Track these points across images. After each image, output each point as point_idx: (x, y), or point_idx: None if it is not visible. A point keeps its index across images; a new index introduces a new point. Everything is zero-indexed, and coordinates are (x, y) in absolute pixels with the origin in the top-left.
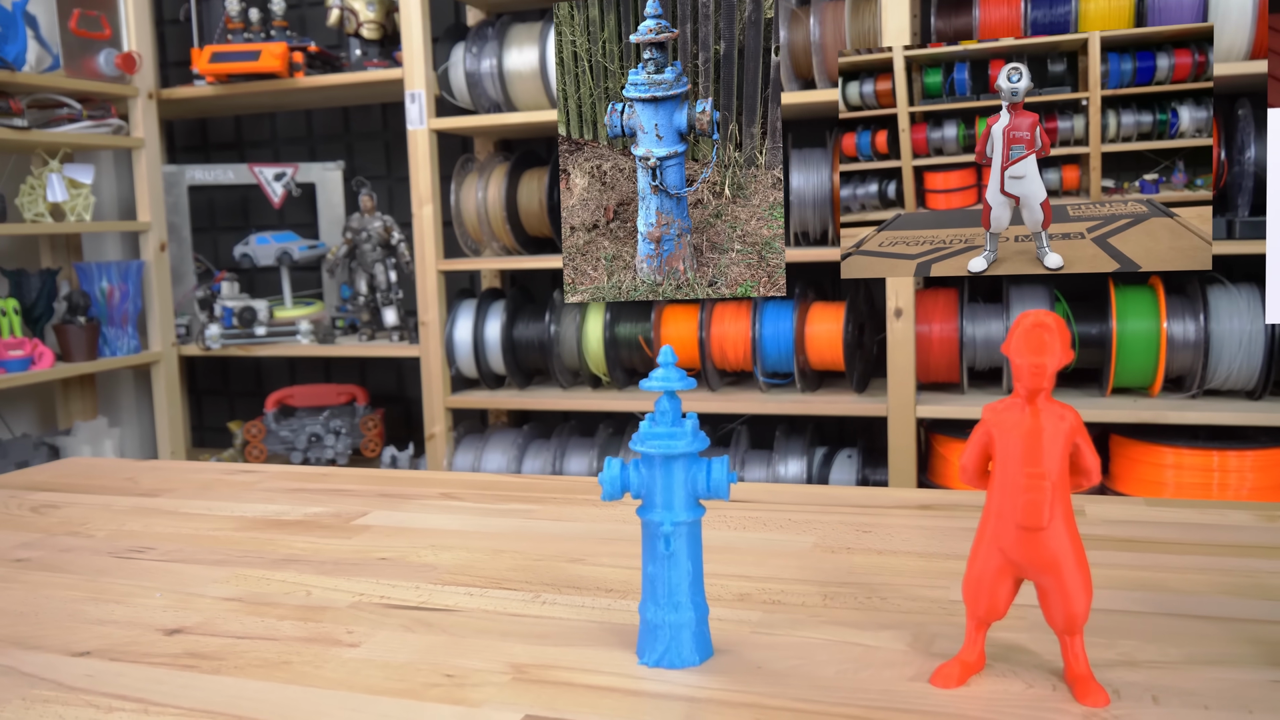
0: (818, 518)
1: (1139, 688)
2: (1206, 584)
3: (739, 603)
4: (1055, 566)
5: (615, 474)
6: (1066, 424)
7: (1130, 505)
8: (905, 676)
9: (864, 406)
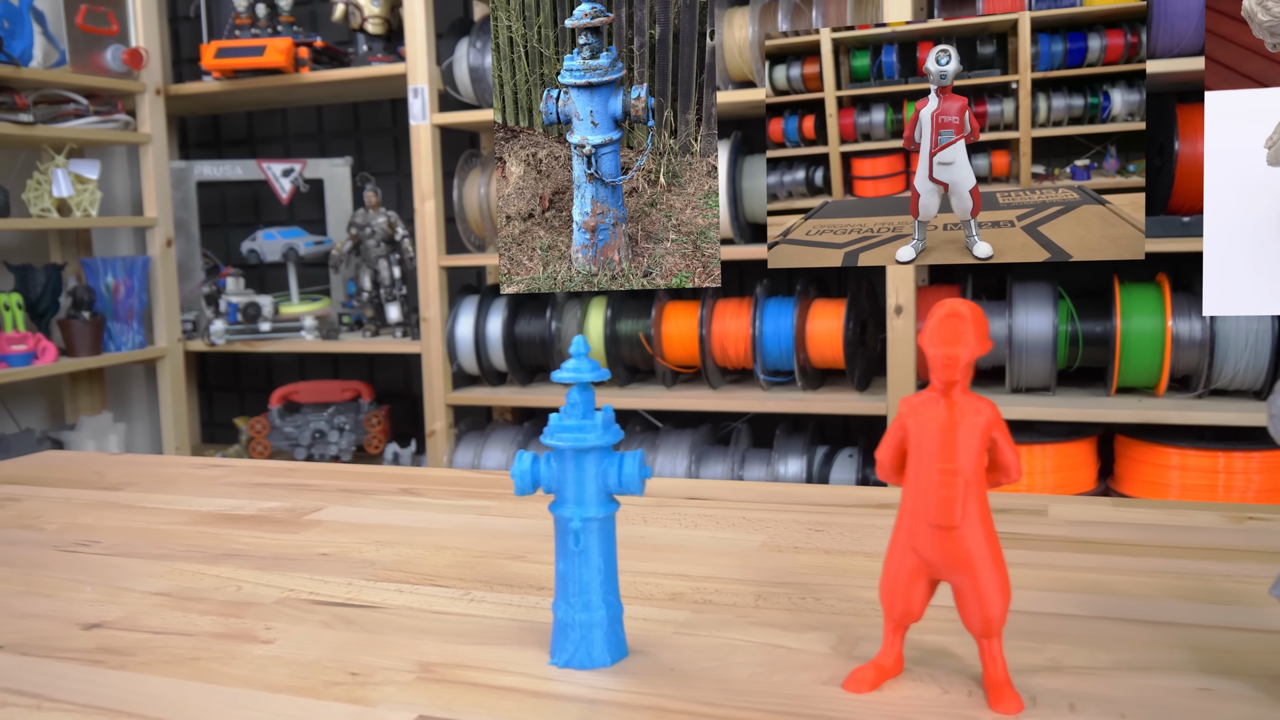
0: (773, 516)
1: (1058, 694)
2: (1156, 587)
3: (669, 602)
4: (970, 567)
5: (526, 468)
6: (983, 418)
7: (1094, 505)
8: (820, 680)
9: (865, 405)
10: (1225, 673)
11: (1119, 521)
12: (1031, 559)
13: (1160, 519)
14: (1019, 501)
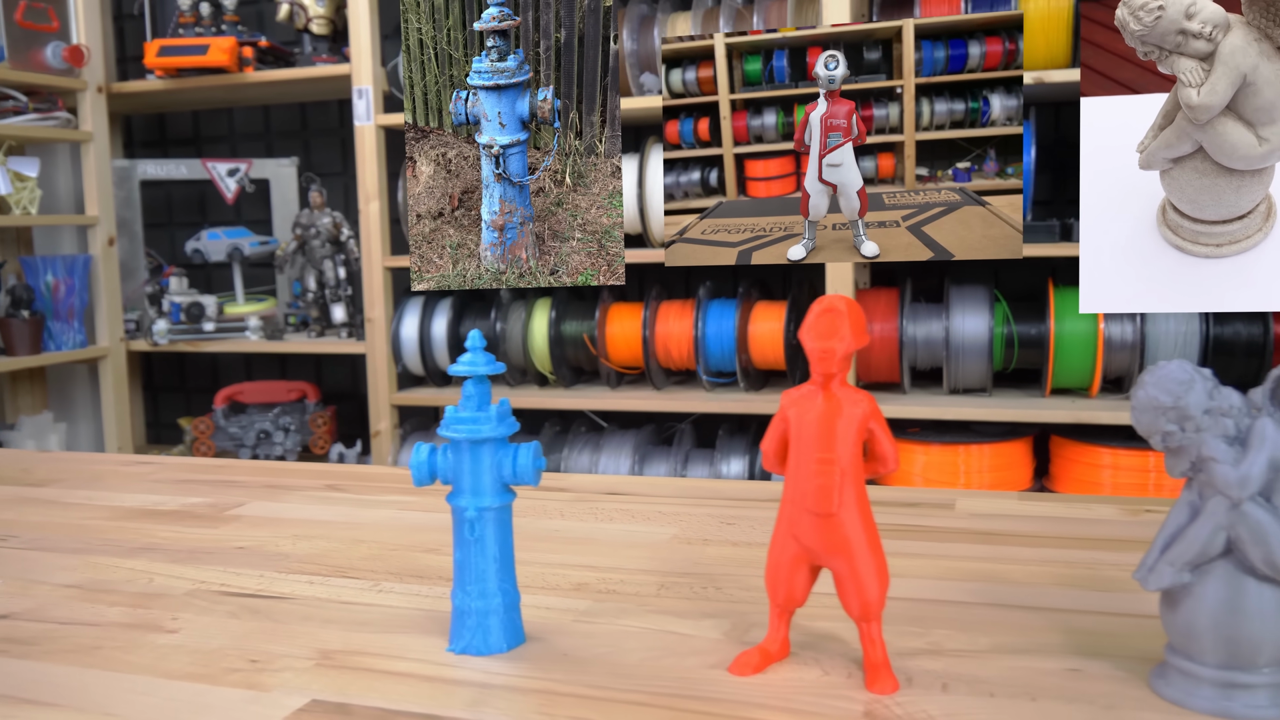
0: (688, 510)
1: (933, 675)
2: (1044, 575)
3: (574, 591)
4: (848, 552)
5: (423, 459)
6: (860, 410)
7: (1000, 499)
8: (707, 664)
9: None
10: (1095, 654)
11: (1021, 514)
12: (931, 550)
13: (1061, 512)
14: (929, 496)
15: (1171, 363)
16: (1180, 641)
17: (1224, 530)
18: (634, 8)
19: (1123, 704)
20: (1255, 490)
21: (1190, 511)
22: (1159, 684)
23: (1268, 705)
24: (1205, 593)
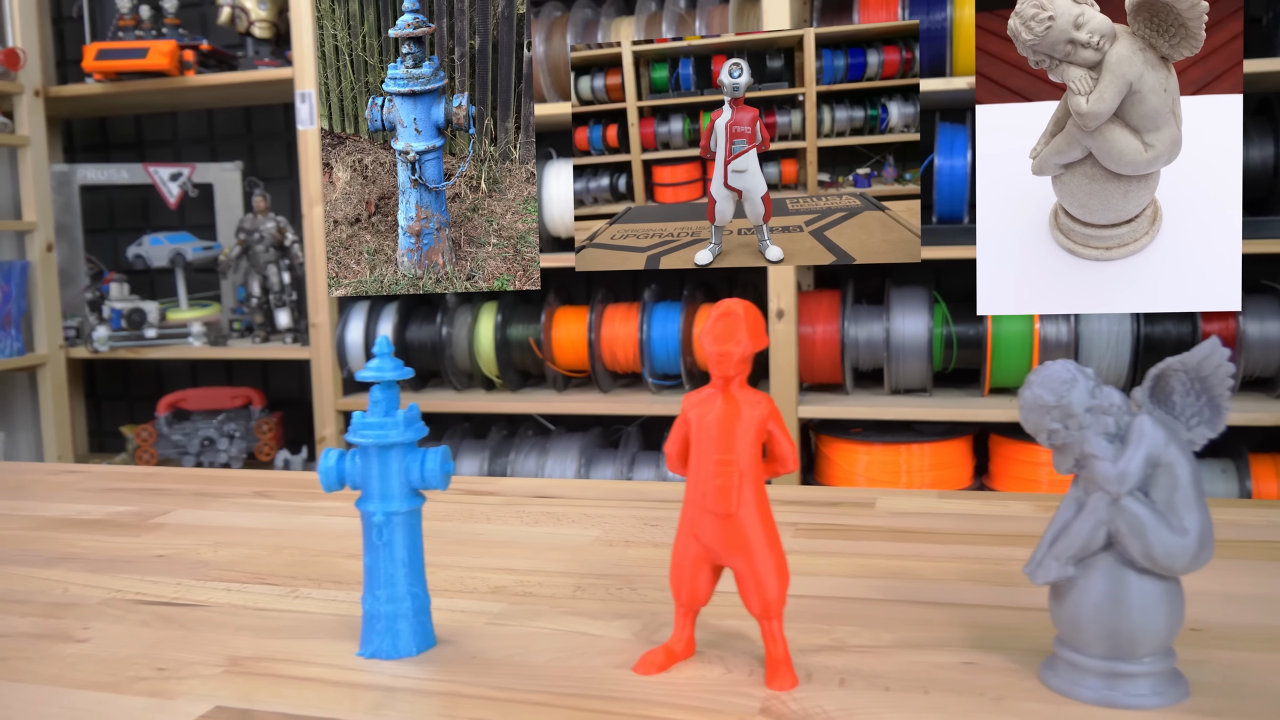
0: (613, 512)
1: (832, 671)
2: (953, 572)
3: (490, 595)
4: (747, 552)
5: (331, 465)
6: (759, 412)
7: (920, 498)
8: (614, 664)
9: None
10: (991, 647)
11: (939, 512)
12: (847, 548)
13: (978, 509)
14: (850, 495)
15: (1055, 363)
16: (1067, 633)
17: (1105, 525)
18: (579, 12)
19: (1012, 695)
20: (1133, 486)
21: (1076, 507)
22: (1048, 675)
23: (1149, 694)
24: (1089, 586)
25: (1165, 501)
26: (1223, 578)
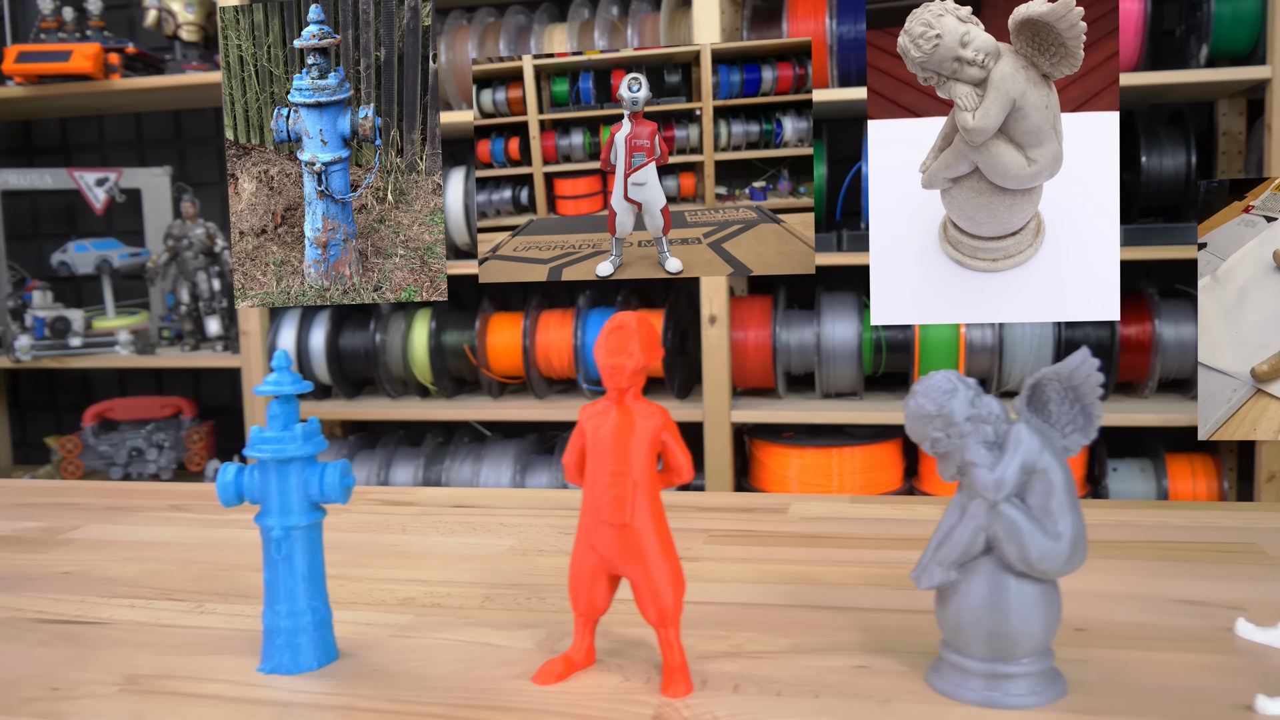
0: (530, 521)
1: (728, 677)
2: (855, 576)
3: (398, 606)
4: (643, 561)
5: (230, 480)
6: (653, 423)
7: (833, 503)
8: (514, 674)
9: (683, 412)
10: (883, 651)
11: (850, 517)
12: (756, 554)
13: (887, 514)
14: (764, 500)
15: (938, 373)
16: (951, 636)
17: (984, 531)
18: (511, 19)
19: (899, 697)
20: (1010, 492)
21: (959, 513)
22: (934, 677)
23: (1027, 693)
24: (970, 590)
25: (1041, 507)
26: (1111, 578)
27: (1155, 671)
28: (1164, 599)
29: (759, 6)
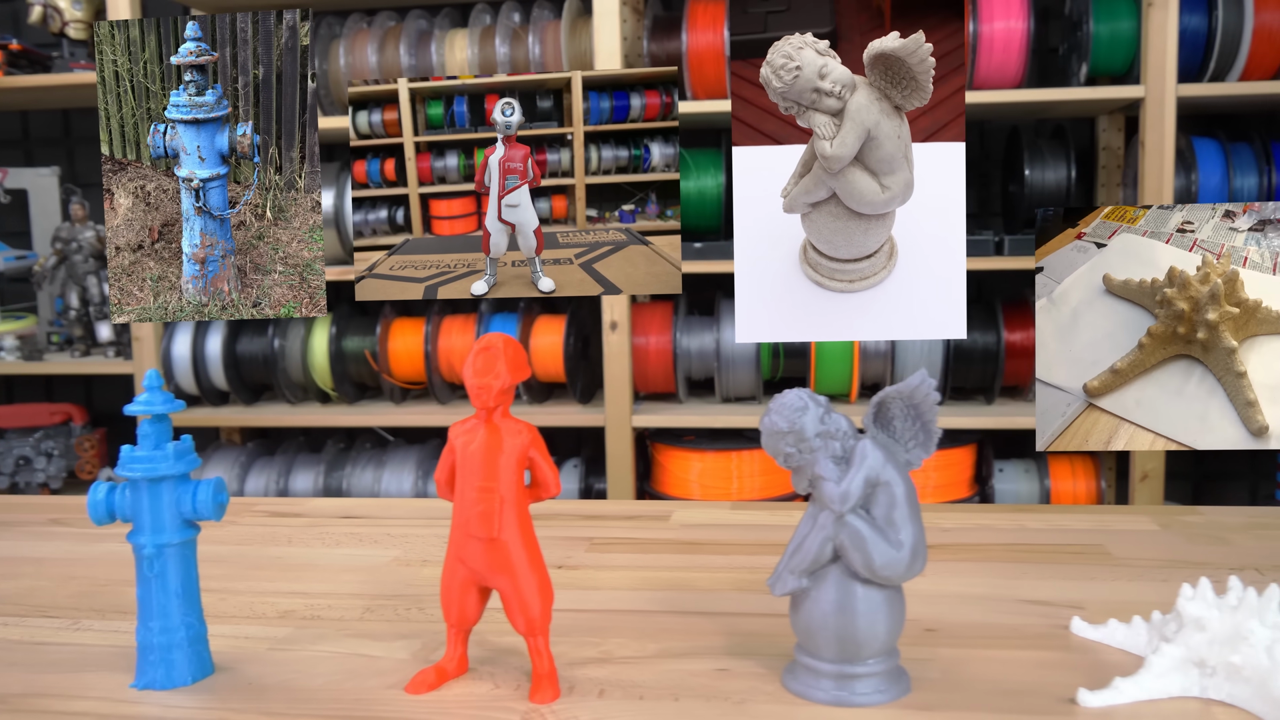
0: (416, 531)
1: (594, 682)
2: (727, 582)
3: (278, 619)
4: (511, 573)
5: (100, 499)
6: (521, 440)
7: (715, 510)
8: (387, 684)
9: (586, 417)
10: (745, 654)
11: (729, 523)
12: (634, 561)
13: (765, 519)
14: (649, 508)
15: (790, 392)
16: (804, 640)
17: (832, 540)
18: (412, 23)
19: (755, 699)
20: (855, 504)
21: (811, 524)
22: (788, 679)
23: (873, 692)
24: (820, 596)
25: (884, 517)
26: (965, 580)
27: (993, 668)
28: (1010, 599)
29: (659, 17)
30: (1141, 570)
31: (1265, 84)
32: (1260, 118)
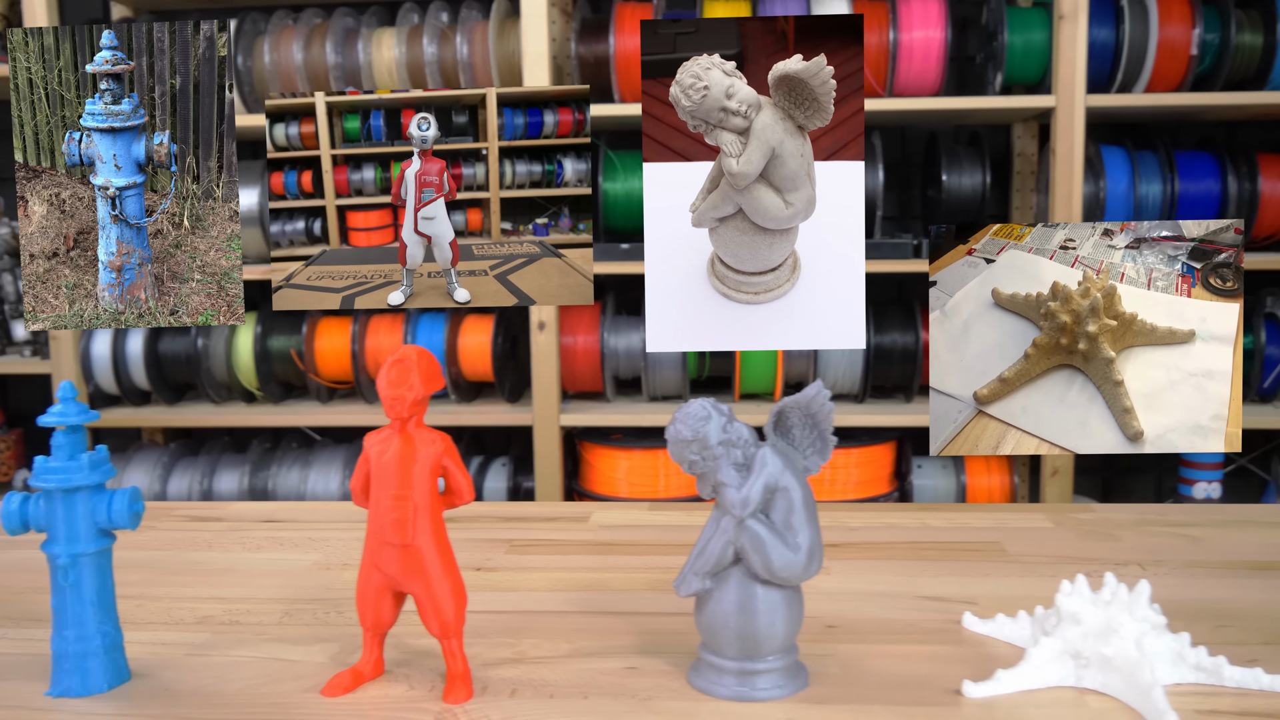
0: (339, 535)
1: (507, 682)
2: (641, 582)
3: (196, 625)
4: (425, 578)
5: (14, 509)
6: (435, 449)
7: (633, 510)
8: (304, 688)
9: (514, 416)
10: (654, 652)
11: (647, 524)
12: (552, 563)
13: (681, 520)
14: (568, 510)
15: (694, 402)
16: (708, 639)
17: (733, 544)
18: (338, 21)
19: (661, 695)
20: (755, 509)
21: (715, 527)
22: (693, 676)
23: (772, 687)
24: (723, 597)
25: (783, 522)
26: (868, 577)
27: (887, 663)
28: (909, 596)
29: (588, 19)
30: (1033, 566)
31: (1169, 95)
32: (1165, 127)
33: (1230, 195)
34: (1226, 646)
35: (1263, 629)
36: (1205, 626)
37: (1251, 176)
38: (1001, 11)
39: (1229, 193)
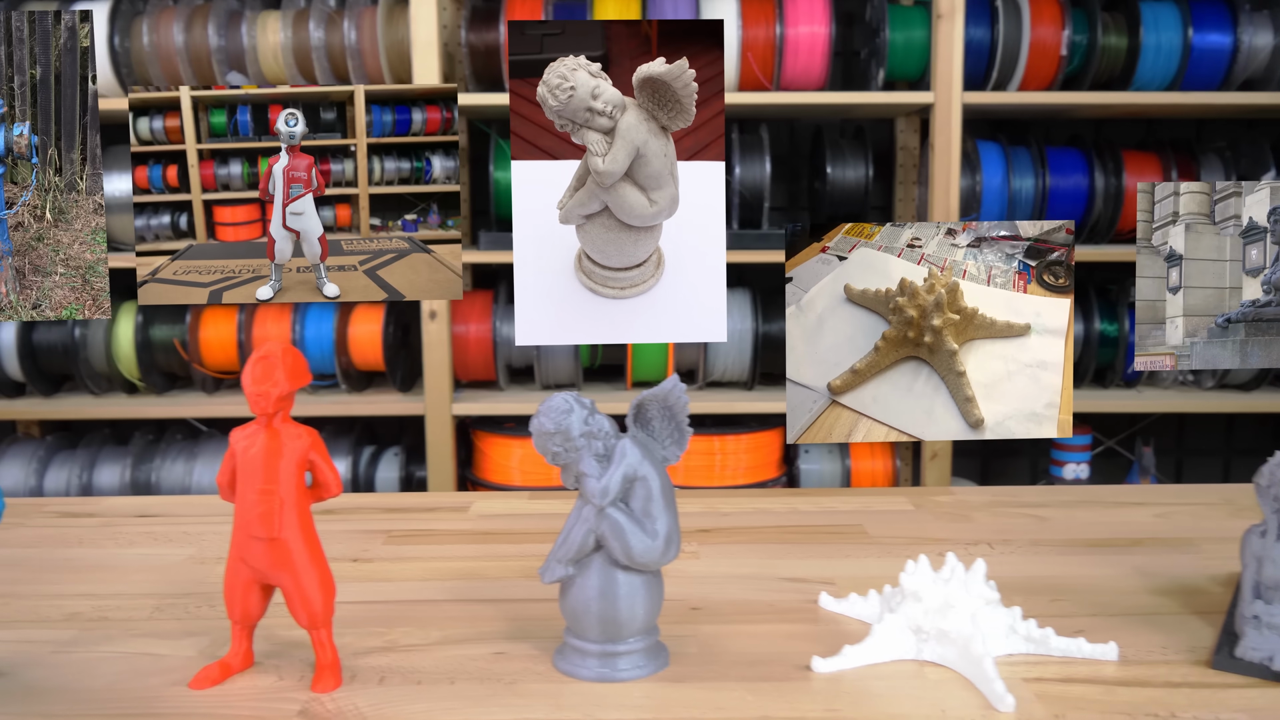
0: (215, 529)
1: (375, 670)
2: (515, 570)
3: (63, 622)
4: (292, 570)
5: None
6: (301, 444)
7: (514, 500)
8: (172, 682)
9: (406, 406)
10: (522, 638)
11: (525, 513)
12: (429, 553)
13: (561, 509)
14: (448, 500)
15: (557, 395)
16: (571, 623)
17: (594, 532)
18: (221, 3)
19: (526, 679)
20: (614, 498)
21: (577, 516)
22: (558, 660)
23: (633, 668)
24: (585, 583)
25: (641, 510)
26: (734, 560)
27: (746, 641)
28: (771, 577)
29: (478, 7)
30: (889, 547)
31: (1040, 94)
32: (1037, 124)
33: (1098, 189)
34: (1057, 619)
35: (1091, 601)
36: (1041, 600)
37: (1117, 172)
38: (884, 9)
39: (1096, 187)
